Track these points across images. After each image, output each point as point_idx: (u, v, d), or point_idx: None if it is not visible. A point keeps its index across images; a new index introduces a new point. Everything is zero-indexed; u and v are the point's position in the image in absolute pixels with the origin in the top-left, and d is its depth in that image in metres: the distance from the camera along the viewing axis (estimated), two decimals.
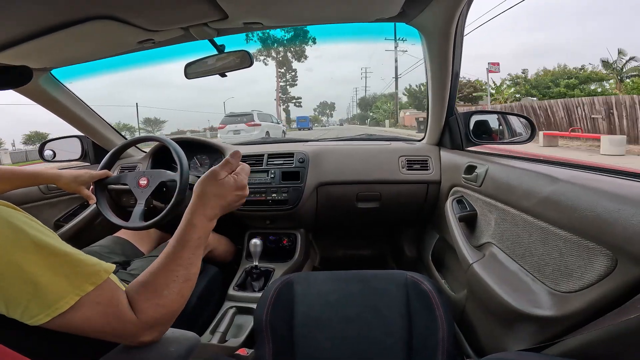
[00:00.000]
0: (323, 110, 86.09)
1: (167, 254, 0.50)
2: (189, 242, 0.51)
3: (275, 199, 1.27)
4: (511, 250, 0.73)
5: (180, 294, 0.49)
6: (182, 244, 0.51)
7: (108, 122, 1.46)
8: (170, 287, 0.48)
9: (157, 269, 0.49)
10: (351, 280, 0.83)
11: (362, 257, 1.78)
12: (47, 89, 1.15)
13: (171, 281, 0.48)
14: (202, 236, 0.53)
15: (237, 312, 1.06)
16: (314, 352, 0.72)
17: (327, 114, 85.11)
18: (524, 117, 1.15)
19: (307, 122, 35.69)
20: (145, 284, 0.48)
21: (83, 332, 0.43)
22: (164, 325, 0.49)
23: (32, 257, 0.39)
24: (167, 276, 0.48)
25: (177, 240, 0.51)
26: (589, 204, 0.51)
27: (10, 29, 0.70)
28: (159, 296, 0.47)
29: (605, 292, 0.48)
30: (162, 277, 0.48)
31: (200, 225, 0.53)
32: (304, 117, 37.25)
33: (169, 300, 0.47)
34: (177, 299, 0.48)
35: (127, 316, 0.45)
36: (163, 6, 0.69)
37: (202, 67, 0.98)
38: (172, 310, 0.48)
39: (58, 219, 1.36)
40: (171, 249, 0.50)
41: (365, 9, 0.82)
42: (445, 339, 0.69)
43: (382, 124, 33.09)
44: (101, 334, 0.44)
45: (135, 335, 0.46)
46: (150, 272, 0.49)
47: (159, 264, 0.49)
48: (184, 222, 0.53)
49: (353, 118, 61.13)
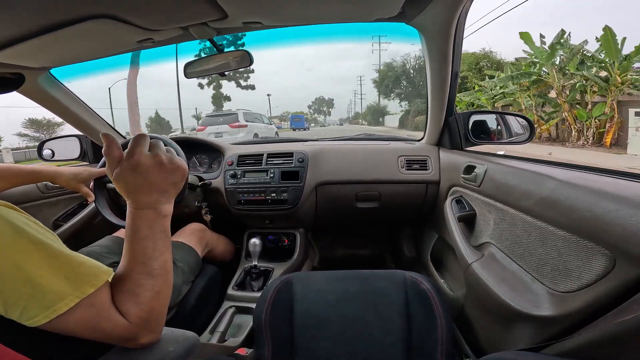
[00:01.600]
0: (319, 107, 76.14)
1: (126, 256, 0.48)
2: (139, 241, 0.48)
3: (275, 198, 1.27)
4: (510, 250, 0.73)
5: (154, 290, 0.47)
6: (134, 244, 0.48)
7: (107, 121, 1.46)
8: (142, 285, 0.46)
9: (123, 270, 0.47)
10: (350, 280, 0.83)
11: (361, 256, 1.78)
12: (46, 88, 1.15)
13: (138, 279, 0.46)
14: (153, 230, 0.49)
15: (237, 312, 1.06)
16: (314, 352, 0.72)
17: (324, 111, 75.85)
18: (522, 117, 1.15)
19: (303, 122, 31.62)
20: (119, 286, 0.46)
21: (81, 335, 0.43)
22: (155, 324, 0.48)
23: (32, 258, 0.39)
24: (132, 275, 0.47)
25: (128, 242, 0.48)
26: (588, 204, 0.51)
27: (9, 28, 0.70)
28: (135, 295, 0.46)
29: (603, 292, 0.48)
30: (128, 277, 0.47)
31: (134, 218, 0.48)
32: (298, 116, 33.18)
33: (145, 298, 0.46)
34: (154, 296, 0.47)
35: (118, 319, 0.44)
36: (162, 5, 0.69)
37: (201, 66, 0.98)
38: (154, 308, 0.47)
39: (57, 218, 1.36)
40: (127, 253, 0.48)
41: (365, 9, 0.82)
42: (444, 338, 0.69)
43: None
44: (99, 337, 0.44)
45: (132, 338, 0.46)
46: (118, 274, 0.47)
47: (122, 265, 0.48)
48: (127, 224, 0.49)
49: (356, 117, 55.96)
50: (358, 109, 57.96)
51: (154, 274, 0.47)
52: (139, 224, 0.48)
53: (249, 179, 1.31)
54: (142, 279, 0.47)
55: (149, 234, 0.48)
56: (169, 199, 0.52)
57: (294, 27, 0.93)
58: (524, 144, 1.11)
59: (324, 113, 75.99)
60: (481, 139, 1.17)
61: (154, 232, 0.49)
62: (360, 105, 56.22)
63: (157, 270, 0.48)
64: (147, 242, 0.48)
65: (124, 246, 0.49)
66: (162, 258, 0.49)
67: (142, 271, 0.47)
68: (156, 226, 0.49)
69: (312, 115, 70.44)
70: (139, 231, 0.48)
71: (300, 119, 32.18)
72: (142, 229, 0.48)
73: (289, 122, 33.18)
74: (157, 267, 0.48)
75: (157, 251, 0.48)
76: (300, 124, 30.68)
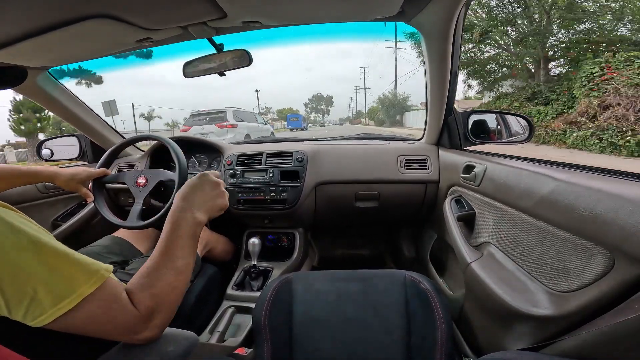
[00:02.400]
0: (317, 105, 72.34)
1: (159, 249, 0.54)
2: (176, 238, 0.55)
3: (274, 198, 1.27)
4: (509, 249, 0.73)
5: (172, 285, 0.51)
6: (171, 239, 0.54)
7: (106, 121, 1.45)
8: (163, 279, 0.50)
9: (151, 263, 0.52)
10: (350, 280, 0.83)
11: (361, 256, 1.78)
12: (44, 87, 1.15)
13: (163, 273, 0.51)
14: (187, 233, 0.56)
15: (236, 312, 1.06)
16: (313, 352, 0.72)
17: (322, 110, 72.28)
18: (522, 116, 1.15)
19: (300, 122, 30.67)
20: (141, 276, 0.50)
21: (85, 331, 0.43)
22: (161, 316, 0.50)
23: (32, 257, 0.39)
24: (159, 269, 0.51)
25: (166, 236, 0.55)
26: (587, 204, 0.51)
27: (8, 28, 0.70)
28: (152, 286, 0.49)
29: (602, 291, 0.48)
30: (155, 270, 0.51)
31: (185, 224, 0.57)
32: (295, 116, 32.42)
33: (161, 290, 0.50)
34: (169, 290, 0.51)
35: (129, 309, 0.46)
36: (162, 5, 0.69)
37: (200, 65, 0.98)
38: (166, 301, 0.50)
39: (56, 218, 1.36)
40: (161, 245, 0.54)
41: (365, 8, 0.82)
42: (443, 338, 0.70)
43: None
44: (103, 332, 0.45)
45: (137, 330, 0.47)
46: (146, 266, 0.52)
47: (152, 259, 0.53)
48: (169, 220, 0.57)
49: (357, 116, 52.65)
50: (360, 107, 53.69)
51: (177, 271, 0.52)
52: (180, 223, 0.56)
53: (248, 178, 1.31)
54: (165, 273, 0.51)
55: (184, 234, 0.56)
56: (209, 214, 0.62)
57: (293, 27, 0.93)
58: (524, 143, 1.12)
59: (322, 112, 72.56)
60: (480, 138, 1.18)
61: (187, 234, 0.56)
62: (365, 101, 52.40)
63: (181, 268, 0.53)
64: (179, 241, 0.55)
65: (157, 245, 0.55)
66: (188, 259, 0.55)
67: (168, 265, 0.52)
68: (191, 230, 0.57)
69: (308, 114, 66.14)
70: (178, 229, 0.55)
71: (297, 118, 31.39)
72: (181, 227, 0.56)
73: (286, 122, 32.13)
74: (181, 265, 0.53)
75: (185, 251, 0.55)
76: (297, 123, 29.92)
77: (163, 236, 0.55)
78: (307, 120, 41.13)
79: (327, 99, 75.38)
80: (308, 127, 36.26)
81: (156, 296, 0.49)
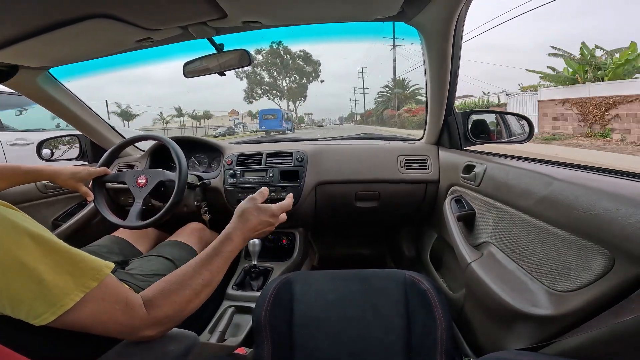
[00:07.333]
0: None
1: (201, 258, 0.55)
2: (223, 252, 0.57)
3: (274, 197, 1.27)
4: (509, 249, 0.73)
5: (197, 294, 0.52)
6: (217, 252, 0.57)
7: (106, 120, 1.45)
8: (191, 286, 0.51)
9: (187, 269, 0.53)
10: (350, 279, 0.83)
11: (361, 256, 1.78)
12: (45, 87, 1.14)
13: (194, 281, 0.52)
14: (234, 250, 0.59)
15: (236, 312, 1.06)
16: (313, 351, 0.72)
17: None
18: (522, 116, 1.15)
19: (279, 120, 20.49)
20: (171, 281, 0.51)
21: (89, 329, 0.43)
22: (172, 322, 0.50)
23: (34, 254, 0.39)
24: (193, 276, 0.52)
25: (213, 248, 0.57)
26: (587, 204, 0.51)
27: (9, 28, 0.70)
28: (177, 293, 0.50)
29: (602, 291, 0.48)
30: (189, 277, 0.52)
31: (236, 241, 0.60)
32: (272, 111, 21.26)
33: (184, 298, 0.50)
34: (192, 299, 0.51)
35: (137, 311, 0.46)
36: (162, 5, 0.69)
37: (200, 65, 0.98)
38: (185, 309, 0.51)
39: (56, 218, 1.36)
40: (205, 255, 0.56)
41: (365, 8, 0.82)
42: (443, 338, 0.70)
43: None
44: (106, 330, 0.45)
45: (139, 330, 0.46)
46: (181, 270, 0.53)
47: (190, 265, 0.54)
48: (223, 234, 0.60)
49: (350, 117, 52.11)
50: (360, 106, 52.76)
51: (203, 284, 0.53)
52: (230, 244, 0.59)
53: (248, 178, 1.31)
54: (197, 283, 0.52)
55: (230, 255, 0.58)
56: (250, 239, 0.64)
57: (293, 27, 0.93)
58: (524, 143, 1.12)
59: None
60: (480, 138, 1.18)
61: (232, 254, 0.59)
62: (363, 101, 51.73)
63: (207, 281, 0.54)
64: (217, 259, 0.56)
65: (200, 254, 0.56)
66: (216, 277, 0.56)
67: (197, 278, 0.53)
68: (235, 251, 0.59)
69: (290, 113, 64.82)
70: (226, 249, 0.58)
71: (274, 115, 20.87)
72: (229, 249, 0.58)
73: (258, 120, 21.92)
74: (209, 281, 0.54)
75: (217, 267, 0.56)
76: (275, 123, 20.01)
77: (211, 247, 0.57)
78: (292, 118, 27.23)
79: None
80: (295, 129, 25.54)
81: (178, 304, 0.49)
